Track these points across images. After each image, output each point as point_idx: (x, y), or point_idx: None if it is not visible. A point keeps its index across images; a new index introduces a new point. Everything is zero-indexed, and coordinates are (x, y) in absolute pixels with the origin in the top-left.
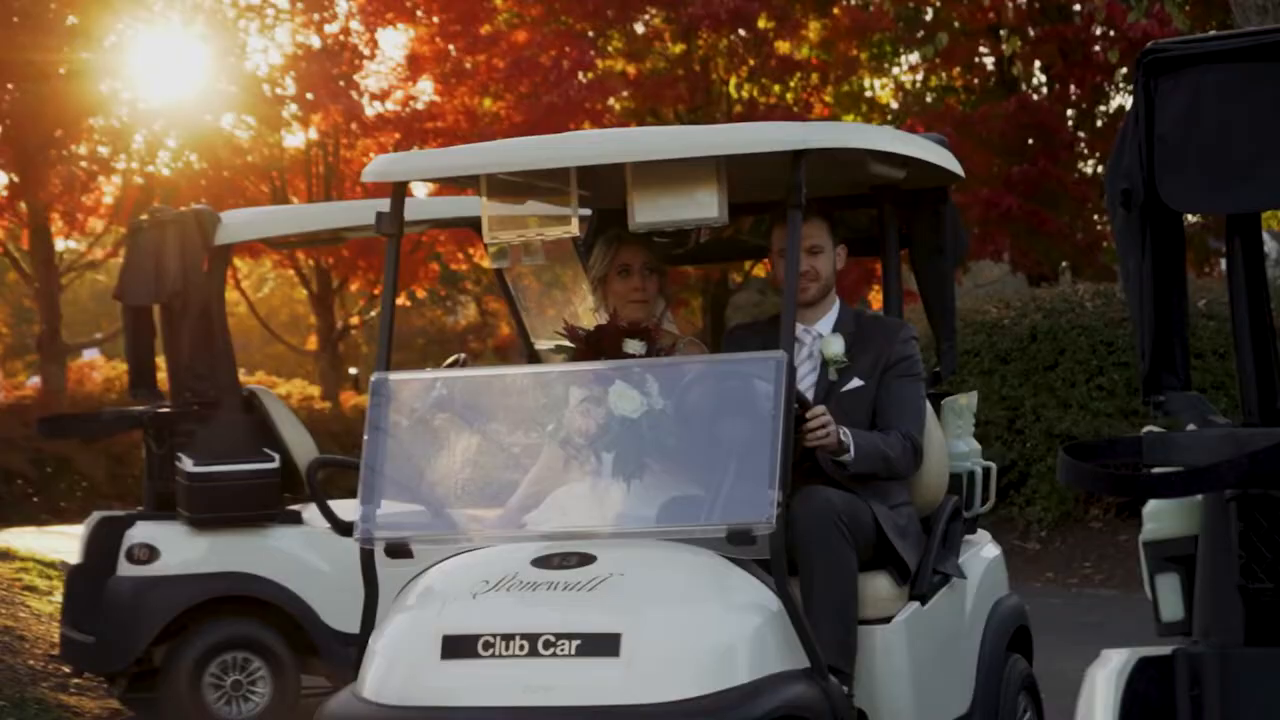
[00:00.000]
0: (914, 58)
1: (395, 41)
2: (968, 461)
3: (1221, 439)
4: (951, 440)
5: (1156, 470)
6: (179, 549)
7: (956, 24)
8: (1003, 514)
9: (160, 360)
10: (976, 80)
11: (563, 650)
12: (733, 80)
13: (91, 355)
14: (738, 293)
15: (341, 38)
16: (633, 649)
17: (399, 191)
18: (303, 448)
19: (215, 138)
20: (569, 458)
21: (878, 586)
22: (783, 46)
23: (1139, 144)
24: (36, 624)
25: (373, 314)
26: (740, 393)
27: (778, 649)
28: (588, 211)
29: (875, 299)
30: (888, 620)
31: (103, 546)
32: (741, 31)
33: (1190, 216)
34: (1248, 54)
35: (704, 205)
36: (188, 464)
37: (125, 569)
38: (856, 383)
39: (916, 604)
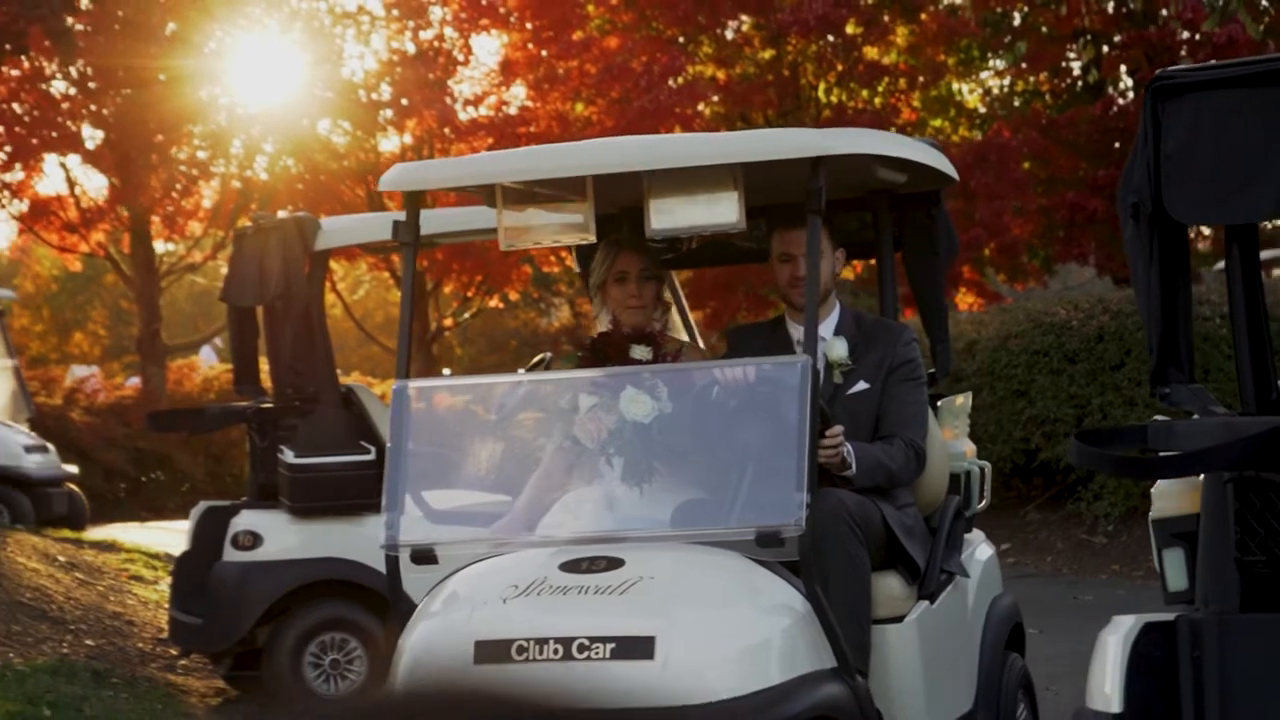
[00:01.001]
0: (1001, 63)
1: (488, 47)
2: (964, 461)
3: (1219, 427)
4: (949, 441)
5: (1159, 454)
6: (281, 536)
7: (1044, 29)
8: (1070, 509)
9: (264, 359)
10: (1063, 84)
11: (597, 654)
12: (821, 85)
13: (209, 358)
14: None
15: (436, 43)
16: (667, 651)
17: (413, 201)
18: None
19: (312, 142)
20: (589, 462)
21: (889, 586)
22: (871, 52)
23: (1147, 162)
24: (144, 610)
25: (465, 316)
26: (765, 396)
27: (807, 650)
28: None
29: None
30: (899, 619)
31: (209, 534)
32: (830, 37)
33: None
34: (1244, 81)
35: (723, 212)
36: (289, 456)
37: (230, 555)
38: (862, 385)
39: (926, 603)
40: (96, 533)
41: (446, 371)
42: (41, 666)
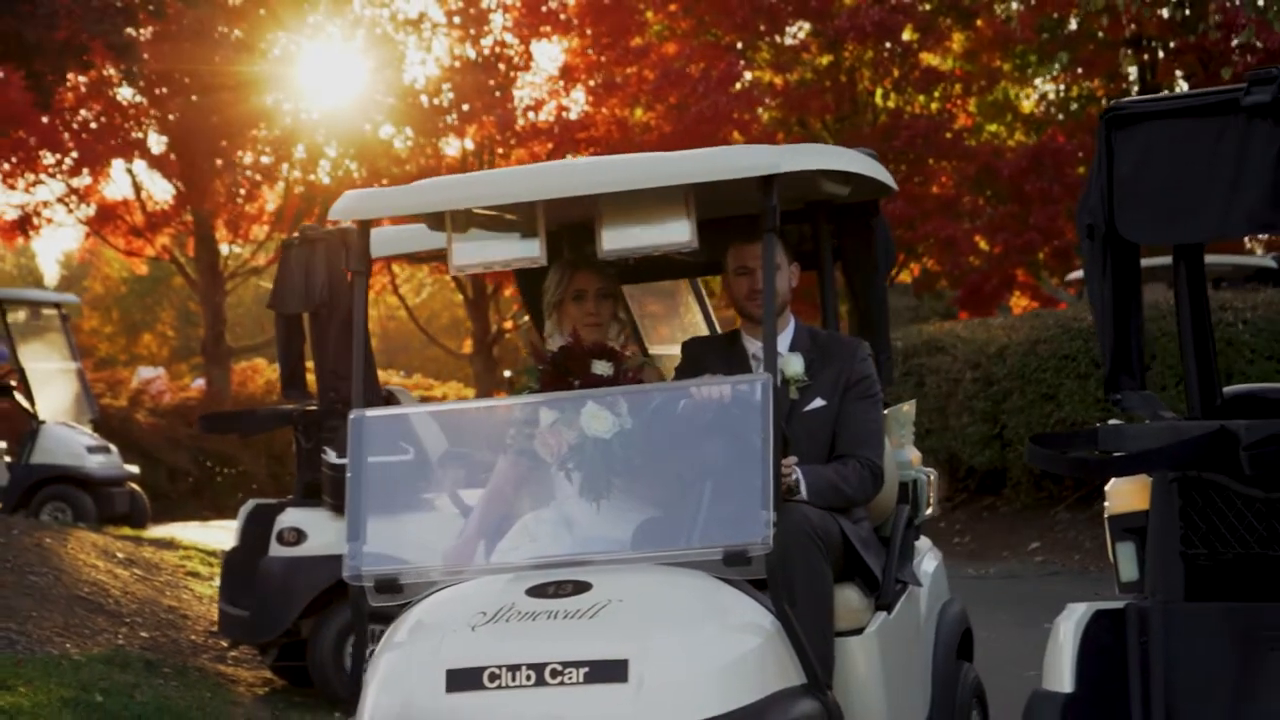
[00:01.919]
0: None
1: (549, 53)
2: (911, 470)
3: (1163, 430)
4: (895, 449)
5: (1106, 455)
6: (324, 532)
7: (1100, 34)
8: (1098, 509)
9: (309, 363)
10: (1118, 89)
11: (571, 678)
12: (879, 91)
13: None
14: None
15: (497, 49)
16: (641, 674)
17: (364, 229)
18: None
19: (374, 147)
20: (548, 481)
21: (847, 599)
22: (927, 58)
23: (1101, 186)
24: (198, 604)
25: (525, 319)
26: (727, 415)
27: (778, 667)
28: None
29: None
30: (859, 631)
31: (256, 531)
32: (887, 43)
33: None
34: (1188, 112)
35: (674, 231)
36: (332, 456)
37: (276, 550)
38: (819, 402)
39: (884, 614)
40: (157, 531)
41: (507, 373)
42: (96, 656)
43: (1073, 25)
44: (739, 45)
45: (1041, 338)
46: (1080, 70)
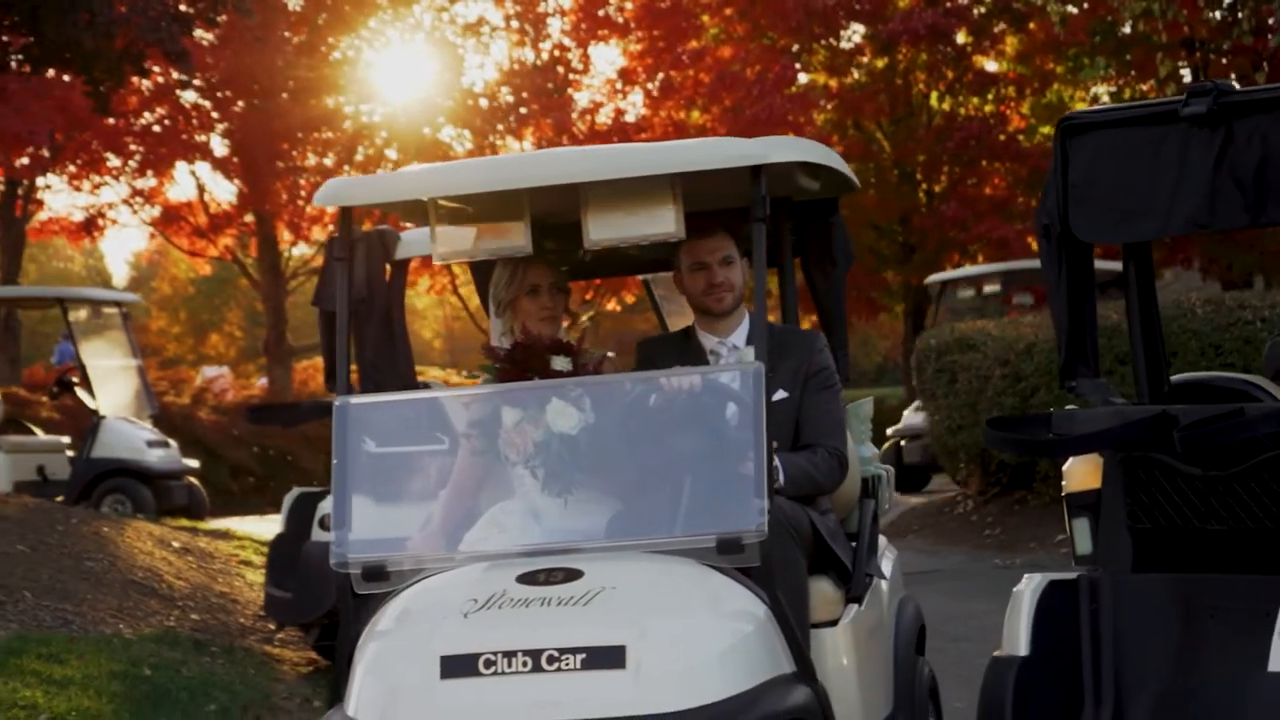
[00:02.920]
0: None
1: (606, 57)
2: (870, 466)
3: (1112, 414)
4: (855, 445)
5: (1056, 437)
6: None
7: (1152, 37)
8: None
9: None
10: (1170, 92)
11: (568, 665)
12: (933, 94)
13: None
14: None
15: (555, 53)
16: (638, 660)
17: (346, 216)
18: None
19: (434, 149)
20: (531, 472)
21: (822, 590)
22: (980, 60)
23: (1057, 189)
24: (249, 591)
25: (583, 319)
26: (716, 404)
27: (770, 654)
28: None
29: None
30: (833, 623)
31: (300, 517)
32: (941, 46)
33: None
34: (1136, 121)
35: (661, 222)
36: (370, 446)
37: (318, 535)
38: (781, 394)
39: (856, 605)
40: (215, 524)
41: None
42: (146, 635)
43: (1126, 29)
44: (794, 48)
45: None
46: (1134, 73)
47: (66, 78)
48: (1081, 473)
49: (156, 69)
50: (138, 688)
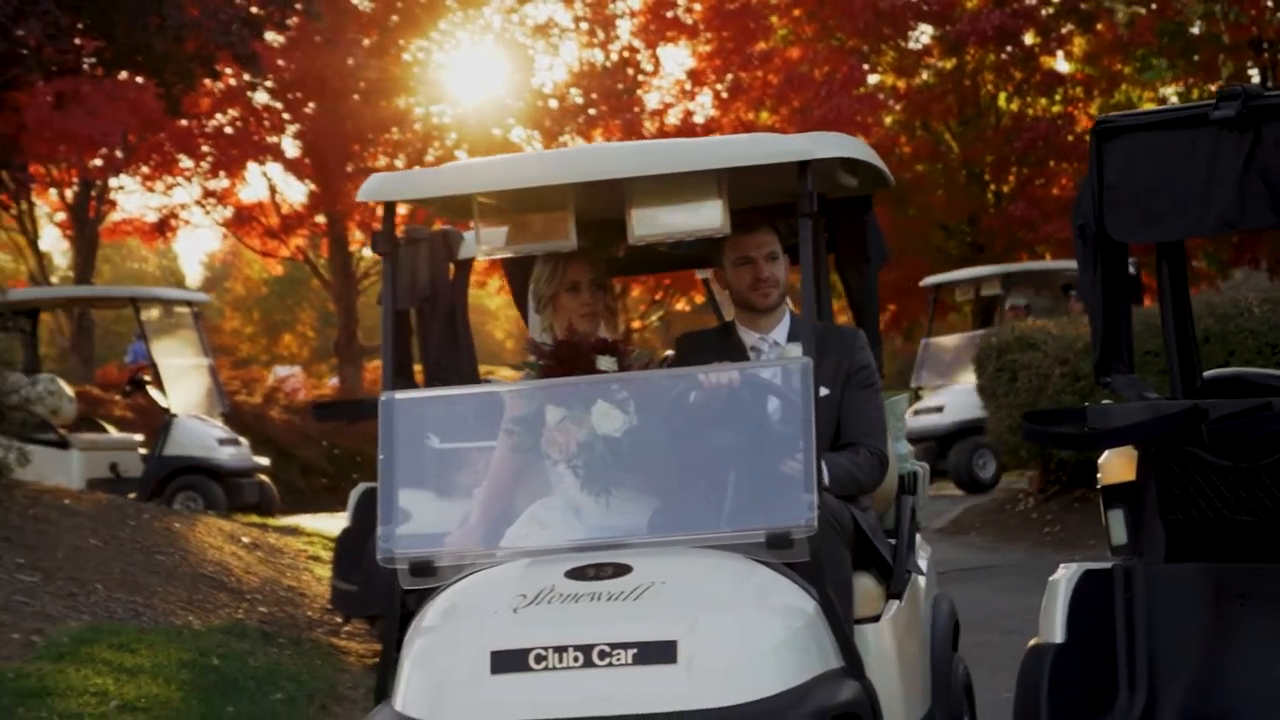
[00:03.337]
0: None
1: (675, 58)
2: (907, 463)
3: (1145, 409)
4: (892, 442)
5: (1091, 431)
6: None
7: (1224, 38)
8: None
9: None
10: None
11: (619, 660)
12: (1001, 94)
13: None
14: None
15: (625, 54)
16: (690, 655)
17: (390, 211)
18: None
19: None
20: (573, 471)
21: (862, 586)
22: (1048, 61)
23: (1092, 191)
24: (317, 585)
25: (653, 318)
26: (764, 399)
27: (820, 649)
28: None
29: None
30: (875, 619)
31: (366, 511)
32: (1009, 47)
33: None
34: (1168, 125)
35: (707, 217)
36: (434, 442)
37: None
38: (823, 391)
39: (897, 601)
40: (285, 521)
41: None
42: (215, 627)
43: (1194, 29)
44: (863, 49)
45: None
46: (1200, 74)
47: (139, 80)
48: (1117, 465)
49: (228, 71)
50: (206, 677)
